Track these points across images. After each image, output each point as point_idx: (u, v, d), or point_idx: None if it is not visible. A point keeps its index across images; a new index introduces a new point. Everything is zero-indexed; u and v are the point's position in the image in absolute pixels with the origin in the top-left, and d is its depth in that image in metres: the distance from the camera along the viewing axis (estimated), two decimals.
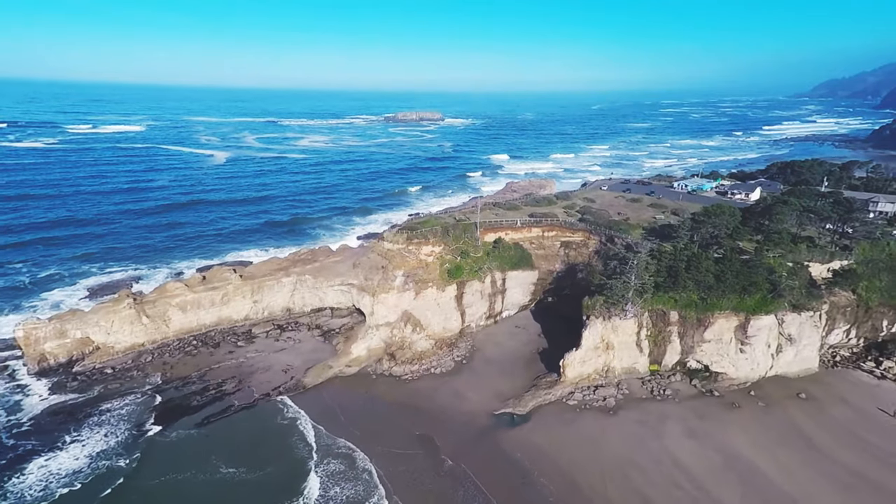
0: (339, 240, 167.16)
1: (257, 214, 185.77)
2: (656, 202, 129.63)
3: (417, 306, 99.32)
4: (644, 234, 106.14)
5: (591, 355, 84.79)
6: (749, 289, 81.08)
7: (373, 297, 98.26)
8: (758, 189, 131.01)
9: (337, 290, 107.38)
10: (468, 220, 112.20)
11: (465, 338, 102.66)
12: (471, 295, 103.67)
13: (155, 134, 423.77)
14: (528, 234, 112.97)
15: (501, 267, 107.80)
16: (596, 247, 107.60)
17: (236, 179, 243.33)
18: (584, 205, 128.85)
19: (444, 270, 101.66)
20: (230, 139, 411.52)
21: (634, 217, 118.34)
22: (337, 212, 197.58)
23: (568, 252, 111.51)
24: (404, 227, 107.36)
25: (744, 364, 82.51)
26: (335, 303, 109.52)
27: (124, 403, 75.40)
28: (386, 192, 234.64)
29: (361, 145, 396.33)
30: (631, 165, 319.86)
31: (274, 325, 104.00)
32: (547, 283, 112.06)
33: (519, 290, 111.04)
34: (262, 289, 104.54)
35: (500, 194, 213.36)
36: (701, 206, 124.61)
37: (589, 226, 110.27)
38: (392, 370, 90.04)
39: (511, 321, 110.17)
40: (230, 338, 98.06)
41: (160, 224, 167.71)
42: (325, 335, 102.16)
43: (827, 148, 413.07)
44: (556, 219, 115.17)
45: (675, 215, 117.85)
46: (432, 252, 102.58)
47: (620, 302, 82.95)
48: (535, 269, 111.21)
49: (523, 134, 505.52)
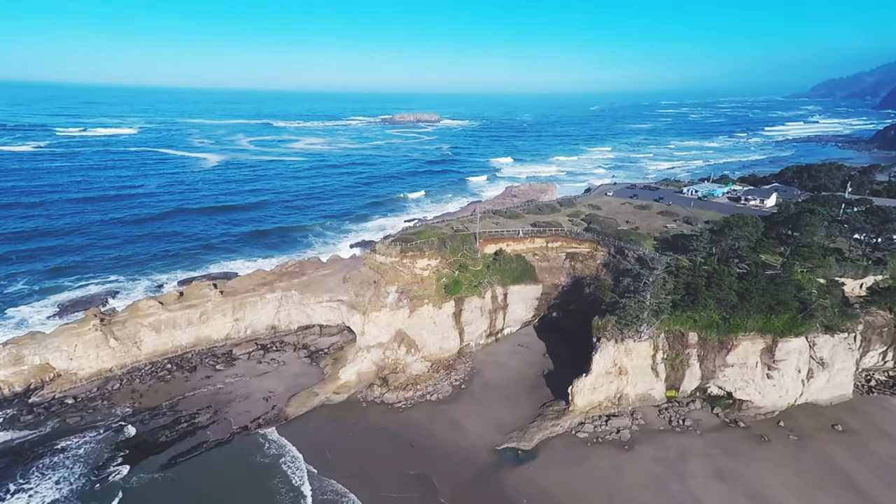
0: (331, 248, 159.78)
1: (246, 222, 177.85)
2: (666, 209, 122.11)
3: (412, 325, 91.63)
4: (656, 244, 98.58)
5: (602, 381, 77.16)
6: (776, 308, 73.55)
7: (363, 315, 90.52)
8: (773, 195, 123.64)
9: (325, 306, 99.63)
10: (466, 231, 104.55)
11: (463, 358, 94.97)
12: (470, 312, 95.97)
13: (147, 137, 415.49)
14: (531, 245, 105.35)
15: (503, 281, 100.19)
16: (604, 259, 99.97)
17: (227, 184, 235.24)
18: (589, 212, 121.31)
19: (441, 286, 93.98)
20: (223, 142, 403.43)
21: (644, 226, 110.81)
22: (330, 218, 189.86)
23: (574, 264, 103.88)
24: (398, 238, 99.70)
25: (771, 391, 74.92)
26: (324, 320, 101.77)
27: (83, 441, 67.44)
28: (382, 197, 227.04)
29: (358, 148, 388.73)
30: (633, 168, 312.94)
31: (257, 345, 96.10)
32: (551, 297, 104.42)
33: (521, 306, 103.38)
34: (244, 306, 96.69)
35: (500, 199, 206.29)
36: (714, 214, 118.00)
37: (596, 236, 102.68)
38: (384, 397, 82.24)
39: (513, 339, 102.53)
40: (208, 360, 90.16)
41: (144, 233, 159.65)
42: (312, 356, 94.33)
43: (831, 149, 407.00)
44: (560, 228, 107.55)
45: (688, 224, 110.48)
46: (428, 266, 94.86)
47: (634, 323, 75.37)
48: (538, 282, 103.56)
49: (522, 136, 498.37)
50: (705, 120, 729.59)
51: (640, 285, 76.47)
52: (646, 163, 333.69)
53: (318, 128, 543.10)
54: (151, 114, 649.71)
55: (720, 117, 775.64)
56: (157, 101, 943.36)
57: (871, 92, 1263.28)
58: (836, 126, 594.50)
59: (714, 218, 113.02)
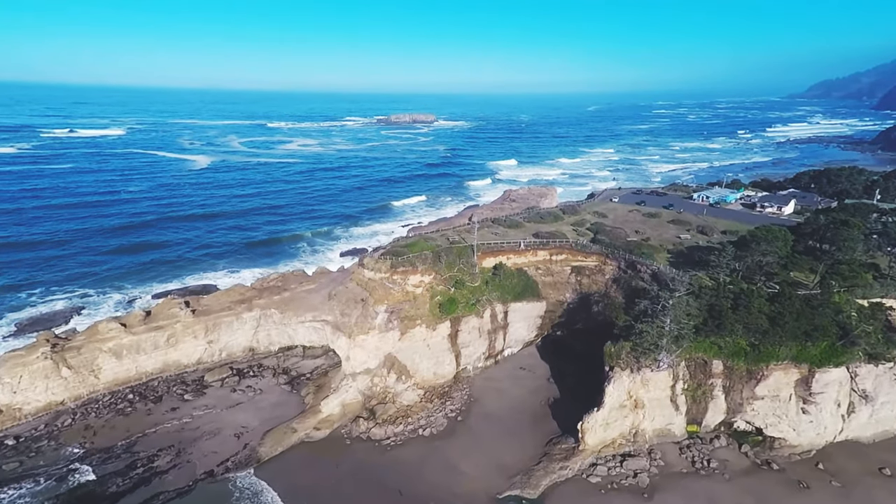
0: (319, 258, 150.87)
1: (231, 230, 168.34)
2: (677, 217, 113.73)
3: (403, 349, 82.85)
4: (670, 258, 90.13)
5: (616, 416, 68.57)
6: (813, 334, 65.18)
7: (349, 338, 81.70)
8: (792, 202, 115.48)
9: (308, 326, 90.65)
10: (463, 243, 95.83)
11: (460, 384, 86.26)
12: (467, 333, 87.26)
13: (135, 138, 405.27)
14: (534, 258, 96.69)
15: (503, 298, 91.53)
16: (614, 274, 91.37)
17: (214, 189, 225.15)
18: (595, 221, 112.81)
19: (436, 304, 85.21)
20: (214, 143, 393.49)
21: (655, 236, 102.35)
22: (321, 225, 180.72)
23: (580, 279, 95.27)
24: (388, 251, 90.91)
25: (807, 428, 66.52)
26: (307, 341, 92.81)
27: (17, 496, 58.29)
28: (375, 201, 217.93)
29: (352, 149, 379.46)
30: (636, 171, 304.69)
31: (232, 369, 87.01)
32: (556, 315, 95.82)
33: (523, 325, 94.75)
34: (218, 326, 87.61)
35: (498, 204, 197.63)
36: (730, 223, 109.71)
37: (604, 248, 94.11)
38: (371, 432, 73.35)
39: (514, 361, 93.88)
40: (176, 388, 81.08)
41: (122, 242, 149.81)
42: (292, 382, 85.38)
43: (833, 150, 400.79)
44: (565, 239, 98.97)
45: (703, 234, 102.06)
46: (421, 282, 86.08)
47: (652, 350, 66.82)
48: (542, 299, 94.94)
49: (520, 137, 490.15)
50: (704, 121, 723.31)
51: (658, 308, 67.97)
52: (648, 165, 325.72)
53: (313, 129, 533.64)
54: (142, 114, 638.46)
55: (718, 118, 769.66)
56: (149, 102, 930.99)
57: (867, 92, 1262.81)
58: (836, 127, 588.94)
59: (731, 227, 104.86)
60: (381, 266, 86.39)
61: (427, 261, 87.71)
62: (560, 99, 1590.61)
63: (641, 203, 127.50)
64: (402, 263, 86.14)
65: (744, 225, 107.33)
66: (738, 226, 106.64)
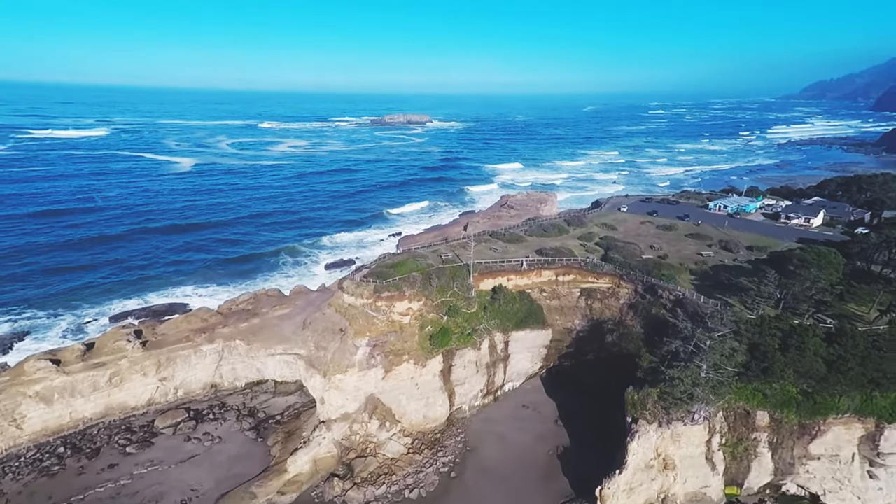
0: (302, 271, 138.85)
1: (209, 241, 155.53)
2: (695, 230, 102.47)
3: (388, 389, 71.04)
4: (694, 280, 78.72)
5: (641, 478, 56.99)
6: (881, 382, 53.85)
7: (325, 377, 69.79)
8: (821, 212, 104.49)
9: (279, 360, 78.68)
10: (457, 261, 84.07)
11: (454, 428, 74.51)
12: (462, 368, 75.55)
13: (120, 139, 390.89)
14: (538, 280, 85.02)
15: (503, 326, 79.91)
16: (630, 298, 79.87)
17: (195, 196, 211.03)
18: (604, 234, 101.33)
19: (426, 336, 73.48)
20: (202, 144, 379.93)
21: (673, 252, 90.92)
22: (305, 236, 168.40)
23: (591, 303, 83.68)
24: (372, 271, 79.06)
25: (875, 496, 55.17)
26: (278, 375, 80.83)
27: None
28: (365, 208, 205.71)
29: (344, 151, 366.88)
30: (638, 174, 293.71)
31: (189, 411, 74.77)
32: (563, 345, 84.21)
33: (526, 356, 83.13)
34: (172, 361, 75.41)
35: (495, 210, 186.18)
36: (755, 236, 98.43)
37: (618, 268, 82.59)
38: (347, 496, 61.43)
39: (516, 397, 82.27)
40: (119, 438, 68.80)
41: (86, 256, 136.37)
42: (258, 427, 73.28)
43: (836, 152, 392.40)
44: (572, 257, 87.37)
45: (727, 250, 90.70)
46: (409, 310, 74.29)
47: (685, 401, 55.27)
48: (547, 326, 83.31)
49: (516, 138, 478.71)
50: (702, 121, 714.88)
51: (688, 347, 56.51)
52: (650, 168, 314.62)
53: (304, 129, 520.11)
54: (131, 114, 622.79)
55: (716, 119, 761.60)
56: (139, 102, 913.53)
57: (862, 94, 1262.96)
58: (836, 128, 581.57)
59: (757, 243, 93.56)
60: (364, 291, 74.58)
61: (416, 284, 75.96)
62: (555, 99, 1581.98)
63: (653, 213, 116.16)
64: (387, 288, 74.32)
65: (771, 239, 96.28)
66: (765, 240, 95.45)
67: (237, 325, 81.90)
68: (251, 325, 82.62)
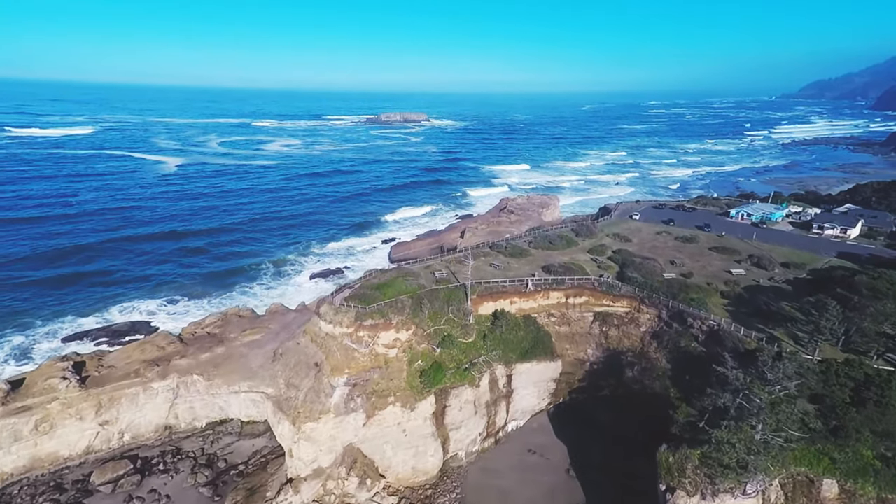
0: (284, 282, 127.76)
1: (186, 249, 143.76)
2: (720, 243, 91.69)
3: (370, 437, 60.00)
4: (727, 305, 67.85)
5: None
6: None
7: (294, 425, 58.64)
8: (859, 222, 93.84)
9: (244, 398, 67.50)
10: (453, 281, 72.98)
11: (448, 480, 63.55)
12: (458, 409, 64.51)
13: (107, 137, 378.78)
14: (545, 302, 74.00)
15: (506, 358, 68.91)
16: (652, 325, 68.94)
17: (176, 201, 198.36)
18: (617, 247, 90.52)
19: (415, 372, 62.49)
20: (192, 143, 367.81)
21: (697, 269, 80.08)
22: (291, 240, 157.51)
23: (606, 330, 72.73)
24: (355, 293, 67.96)
25: None
26: (244, 415, 69.64)
27: None
28: (356, 211, 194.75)
29: (338, 150, 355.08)
30: (643, 176, 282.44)
31: (134, 462, 63.47)
32: (575, 378, 73.23)
33: (532, 391, 72.16)
34: (116, 402, 64.13)
35: (493, 215, 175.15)
36: (788, 250, 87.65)
37: (638, 289, 71.66)
38: None
39: (520, 439, 71.30)
40: (45, 498, 57.53)
41: (51, 267, 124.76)
42: (216, 481, 62.07)
43: (843, 152, 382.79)
44: (584, 276, 76.41)
45: (759, 268, 79.84)
46: (396, 341, 63.25)
47: (734, 470, 44.29)
48: (556, 357, 72.31)
49: (515, 138, 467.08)
50: (702, 121, 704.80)
51: (736, 399, 45.58)
52: (656, 170, 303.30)
53: (298, 128, 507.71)
54: (122, 112, 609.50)
55: (716, 118, 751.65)
56: (132, 99, 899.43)
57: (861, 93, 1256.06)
58: (839, 128, 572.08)
59: (793, 258, 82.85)
60: (343, 318, 63.46)
61: (405, 310, 64.86)
62: (554, 98, 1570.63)
63: (669, 222, 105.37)
64: (370, 314, 63.22)
65: (806, 254, 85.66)
66: (801, 255, 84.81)
67: (197, 356, 70.67)
68: (214, 355, 71.41)
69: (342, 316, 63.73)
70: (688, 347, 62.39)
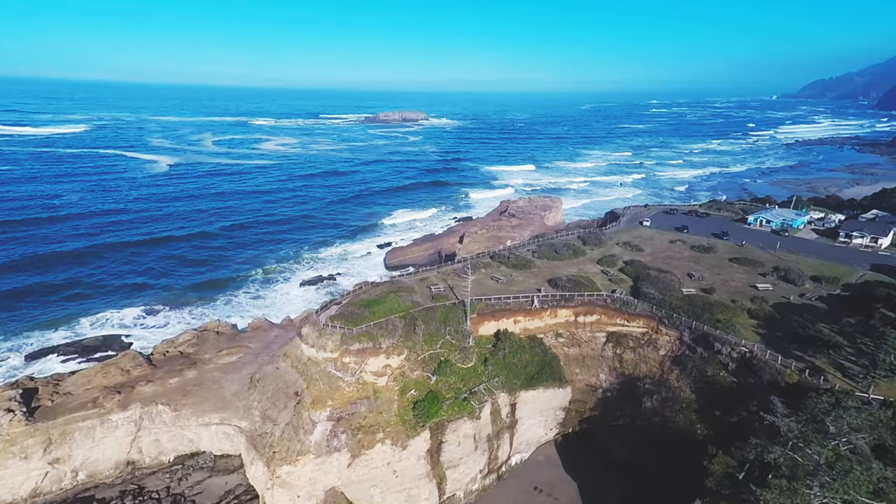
0: (271, 291, 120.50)
1: (170, 258, 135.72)
2: (740, 253, 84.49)
3: (355, 480, 52.77)
4: (757, 328, 60.67)
5: None
6: None
7: (269, 467, 51.39)
8: (892, 231, 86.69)
9: (216, 430, 60.18)
10: (450, 297, 65.72)
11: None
12: (456, 445, 57.31)
13: (100, 135, 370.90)
14: (552, 321, 66.83)
15: (509, 385, 61.74)
16: (672, 349, 61.78)
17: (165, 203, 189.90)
18: (629, 257, 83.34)
19: (408, 403, 55.30)
20: (186, 142, 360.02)
21: (719, 283, 72.83)
22: (283, 245, 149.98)
23: (620, 352, 65.54)
24: (342, 311, 60.78)
25: None
26: (216, 448, 62.29)
27: None
28: (351, 214, 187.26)
29: (335, 150, 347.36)
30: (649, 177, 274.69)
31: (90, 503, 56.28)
32: (586, 406, 66.01)
33: (538, 421, 64.99)
34: (68, 437, 56.80)
35: (494, 219, 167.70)
36: (816, 261, 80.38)
37: (656, 308, 64.49)
38: None
39: (525, 474, 64.18)
40: None
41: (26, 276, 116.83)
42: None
43: (849, 152, 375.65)
44: (594, 290, 69.26)
45: (787, 282, 72.59)
46: (386, 367, 56.09)
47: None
48: (565, 384, 65.11)
49: (515, 137, 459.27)
50: (703, 120, 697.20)
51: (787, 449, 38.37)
52: (661, 171, 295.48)
53: (295, 127, 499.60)
54: (116, 109, 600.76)
55: (717, 118, 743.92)
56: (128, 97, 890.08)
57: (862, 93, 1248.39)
58: (843, 128, 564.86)
59: (824, 271, 75.60)
60: (327, 342, 56.33)
61: (396, 332, 57.67)
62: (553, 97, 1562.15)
63: (683, 229, 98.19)
64: (357, 337, 56.05)
65: (837, 266, 78.40)
66: (832, 268, 77.58)
67: (165, 382, 63.31)
68: (184, 380, 64.07)
69: (326, 339, 56.59)
70: (716, 377, 55.24)
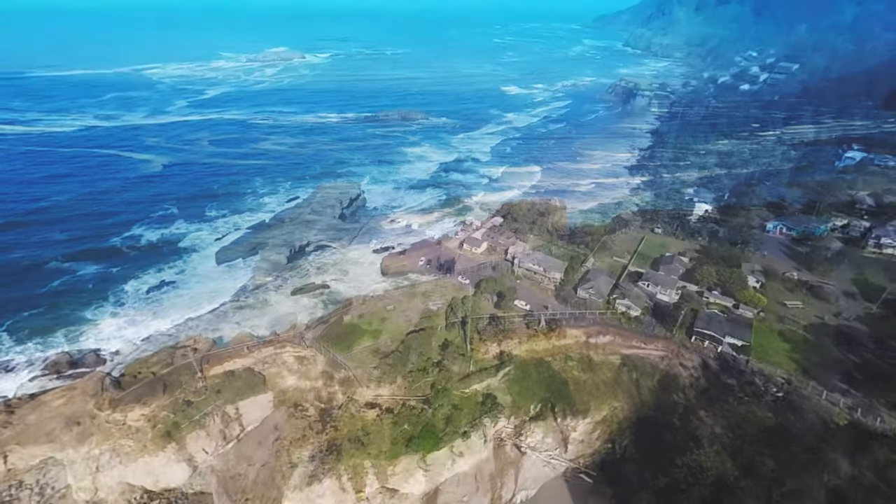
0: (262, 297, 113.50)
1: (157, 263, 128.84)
2: (761, 264, 78.38)
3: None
4: (792, 353, 54.47)
5: None
6: None
7: None
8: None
9: (185, 467, 53.93)
10: (448, 316, 59.51)
11: None
12: (455, 485, 51.18)
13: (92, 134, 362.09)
14: (561, 342, 60.63)
15: (514, 413, 55.51)
16: (697, 376, 55.54)
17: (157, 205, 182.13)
18: (641, 269, 77.13)
19: (401, 438, 49.06)
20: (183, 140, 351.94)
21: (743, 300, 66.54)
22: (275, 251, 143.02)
23: (637, 378, 59.31)
24: (329, 332, 54.68)
25: None
26: (191, 485, 55.97)
27: None
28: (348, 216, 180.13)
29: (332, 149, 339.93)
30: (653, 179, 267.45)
31: None
32: (600, 438, 59.60)
33: (546, 456, 58.62)
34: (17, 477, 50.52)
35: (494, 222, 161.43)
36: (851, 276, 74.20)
37: (676, 329, 58.27)
38: None
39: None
40: None
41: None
42: None
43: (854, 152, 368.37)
44: (605, 308, 63.07)
45: (820, 299, 66.55)
46: (377, 397, 49.93)
47: None
48: (576, 414, 58.77)
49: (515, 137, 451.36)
50: None
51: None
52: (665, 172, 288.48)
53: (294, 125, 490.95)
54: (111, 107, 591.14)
55: None
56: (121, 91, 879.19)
57: None
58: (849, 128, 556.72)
59: (858, 286, 69.41)
60: (310, 369, 50.65)
61: (388, 357, 51.47)
62: None
63: (697, 237, 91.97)
64: (343, 365, 49.87)
65: (873, 279, 72.13)
66: (866, 281, 71.34)
67: (130, 411, 56.93)
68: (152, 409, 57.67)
69: (309, 366, 50.39)
70: (751, 414, 48.95)
